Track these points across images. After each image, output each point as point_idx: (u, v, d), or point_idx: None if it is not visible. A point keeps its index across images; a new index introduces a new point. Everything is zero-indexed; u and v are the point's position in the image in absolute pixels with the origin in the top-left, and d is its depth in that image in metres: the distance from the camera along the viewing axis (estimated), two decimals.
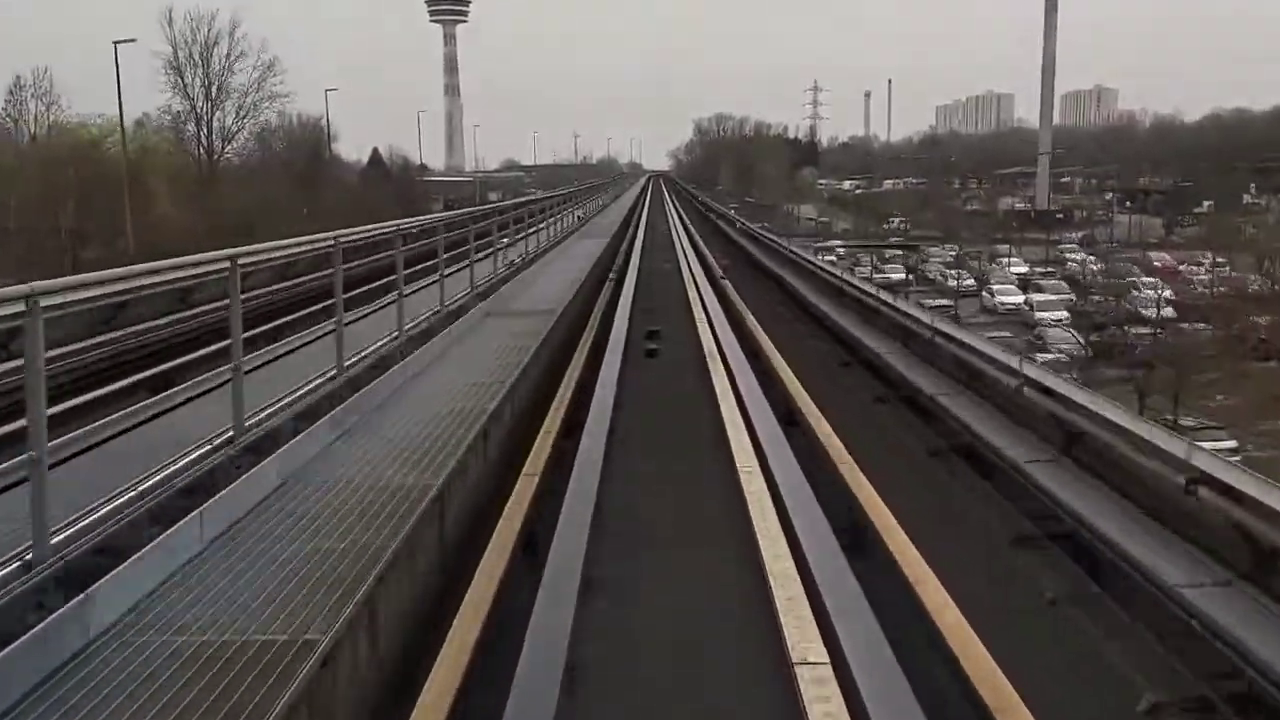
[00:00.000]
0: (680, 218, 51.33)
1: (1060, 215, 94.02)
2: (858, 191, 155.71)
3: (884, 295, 14.96)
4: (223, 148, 79.55)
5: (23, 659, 3.96)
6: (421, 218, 17.69)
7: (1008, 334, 40.46)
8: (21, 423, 4.53)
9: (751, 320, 16.08)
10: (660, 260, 28.25)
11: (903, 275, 58.25)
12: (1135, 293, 49.22)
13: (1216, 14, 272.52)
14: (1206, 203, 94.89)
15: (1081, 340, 39.96)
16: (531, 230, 22.04)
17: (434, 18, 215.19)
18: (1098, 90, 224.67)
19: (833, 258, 48.35)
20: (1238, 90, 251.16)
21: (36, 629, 4.09)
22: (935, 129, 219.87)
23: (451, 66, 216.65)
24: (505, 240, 17.98)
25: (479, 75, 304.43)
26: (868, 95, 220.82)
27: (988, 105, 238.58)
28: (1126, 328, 40.34)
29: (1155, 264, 62.83)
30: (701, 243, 32.63)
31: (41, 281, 4.65)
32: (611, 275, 21.69)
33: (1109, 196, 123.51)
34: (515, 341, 11.49)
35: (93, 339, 10.31)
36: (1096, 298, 49.11)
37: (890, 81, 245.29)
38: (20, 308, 4.45)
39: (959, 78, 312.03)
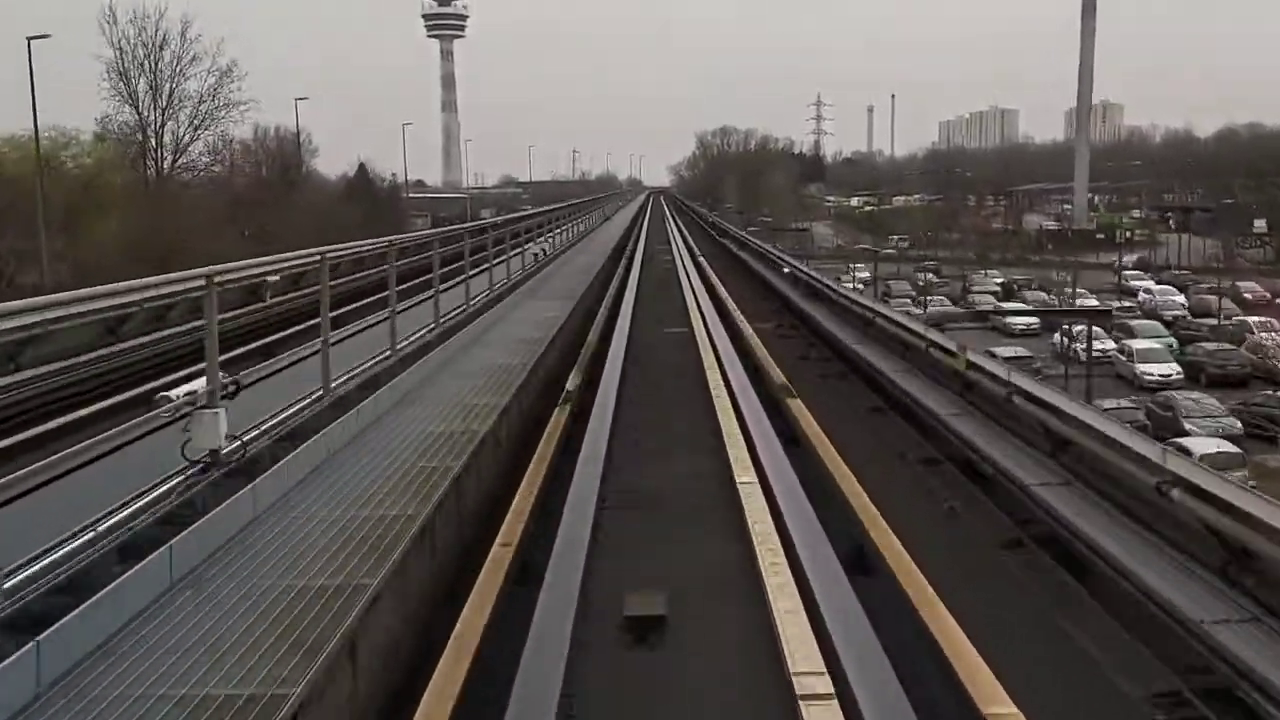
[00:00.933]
0: (688, 246, 40.26)
1: (1100, 235, 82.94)
2: (867, 208, 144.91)
3: None
4: (174, 161, 68.95)
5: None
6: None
7: (1127, 403, 29.51)
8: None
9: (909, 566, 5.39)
10: (664, 328, 17.35)
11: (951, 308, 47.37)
12: (1251, 335, 38.26)
13: (1217, 31, 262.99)
14: (1258, 222, 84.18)
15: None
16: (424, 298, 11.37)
17: (431, 33, 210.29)
18: (1103, 105, 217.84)
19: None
20: (1238, 106, 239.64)
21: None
22: (937, 145, 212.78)
23: (449, 82, 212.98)
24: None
25: (480, 91, 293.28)
26: (870, 110, 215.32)
27: (991, 121, 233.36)
28: None
29: (1245, 295, 51.89)
30: (726, 294, 21.16)
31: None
32: (568, 389, 10.70)
33: (1139, 214, 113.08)
34: None
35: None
36: (1210, 345, 38.01)
37: (894, 96, 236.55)
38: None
39: (960, 93, 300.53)
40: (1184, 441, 23.32)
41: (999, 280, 61.29)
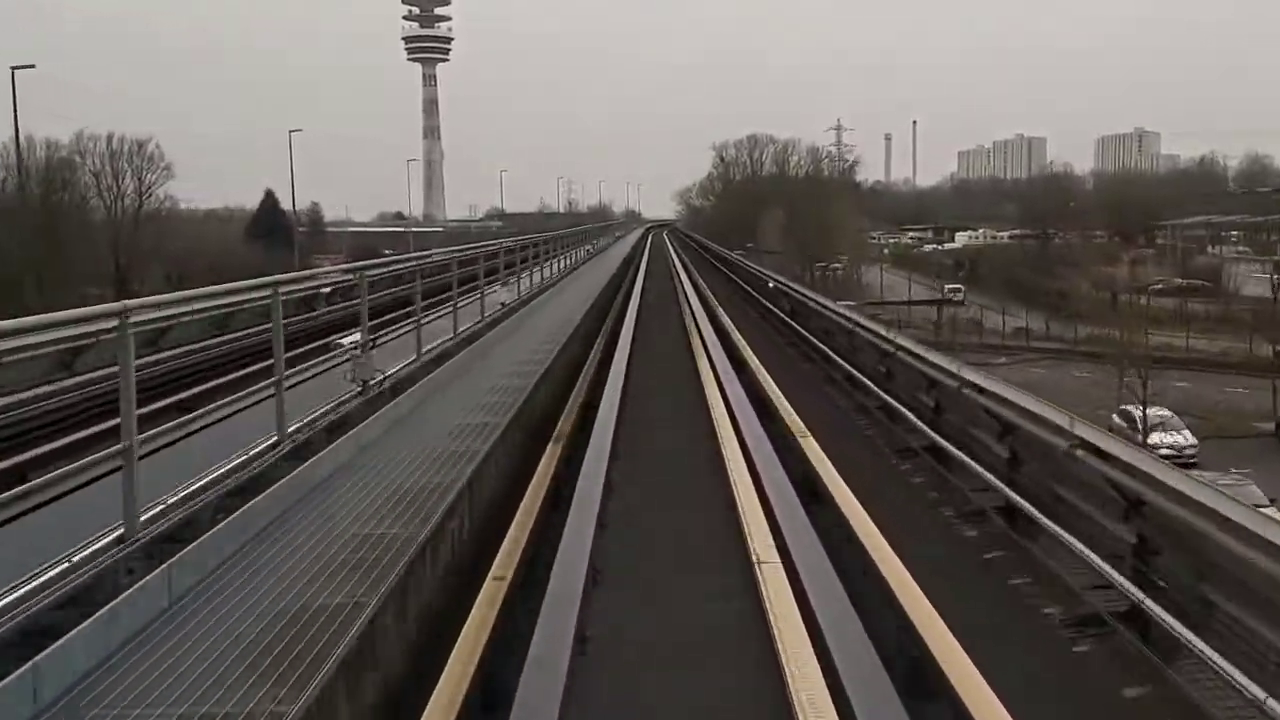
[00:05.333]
0: None
1: None
2: (927, 248, 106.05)
3: None
4: None
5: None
6: None
7: None
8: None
9: None
10: None
11: None
12: None
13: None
14: None
15: None
16: None
17: (412, 57, 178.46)
18: (1138, 134, 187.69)
19: None
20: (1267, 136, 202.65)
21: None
22: (958, 174, 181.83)
23: (431, 109, 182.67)
24: None
25: (470, 119, 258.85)
26: (888, 138, 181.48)
27: (1017, 150, 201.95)
28: None
29: None
30: None
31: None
32: None
33: None
34: None
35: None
36: None
37: (915, 123, 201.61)
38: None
39: (977, 123, 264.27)
40: None
41: None
